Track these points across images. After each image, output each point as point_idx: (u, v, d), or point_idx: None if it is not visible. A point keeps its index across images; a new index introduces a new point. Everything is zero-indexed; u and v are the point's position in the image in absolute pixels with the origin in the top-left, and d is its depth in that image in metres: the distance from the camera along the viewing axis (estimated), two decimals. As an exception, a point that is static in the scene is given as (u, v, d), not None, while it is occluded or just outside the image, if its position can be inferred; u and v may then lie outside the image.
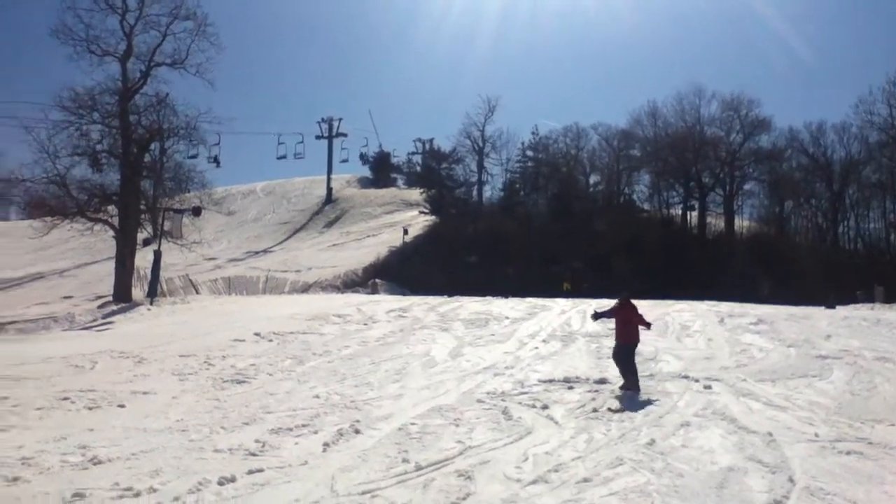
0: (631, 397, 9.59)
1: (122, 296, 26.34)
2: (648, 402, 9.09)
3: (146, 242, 36.92)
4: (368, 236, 58.00)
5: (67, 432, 7.27)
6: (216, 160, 70.57)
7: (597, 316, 11.77)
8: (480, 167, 67.52)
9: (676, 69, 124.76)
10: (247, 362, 12.67)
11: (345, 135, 76.92)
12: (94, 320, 21.09)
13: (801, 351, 14.03)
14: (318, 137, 76.35)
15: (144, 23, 28.95)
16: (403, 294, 36.39)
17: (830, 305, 30.10)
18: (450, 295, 29.40)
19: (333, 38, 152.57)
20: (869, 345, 14.73)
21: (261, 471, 5.81)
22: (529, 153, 69.26)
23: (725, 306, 24.71)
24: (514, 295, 31.25)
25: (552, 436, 7.26)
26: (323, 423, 7.83)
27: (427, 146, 77.44)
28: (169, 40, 29.14)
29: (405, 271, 46.50)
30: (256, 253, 54.51)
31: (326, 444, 6.83)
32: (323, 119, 77.12)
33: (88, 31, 27.88)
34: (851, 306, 30.90)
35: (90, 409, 8.68)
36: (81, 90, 27.63)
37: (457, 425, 7.72)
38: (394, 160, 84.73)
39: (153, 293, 26.68)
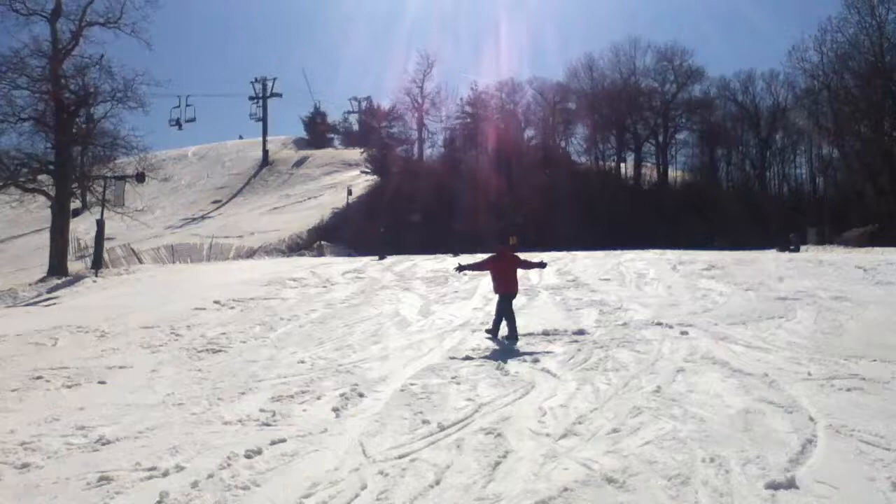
0: (509, 345, 10.10)
1: (59, 269, 25.20)
2: (529, 353, 9.32)
3: (75, 213, 35.31)
4: (309, 198, 57.01)
5: (56, 413, 6.91)
6: (178, 123, 69.01)
7: (461, 268, 12.03)
8: (421, 124, 66.86)
9: (613, 22, 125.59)
10: (215, 331, 12.31)
11: (279, 95, 74.92)
12: (39, 295, 20.06)
13: (760, 294, 14.43)
14: (251, 98, 74.22)
15: (73, -23, 26.91)
16: (350, 255, 36.02)
17: (794, 249, 30.89)
18: (381, 257, 27.89)
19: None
20: (821, 285, 15.16)
21: (283, 441, 5.61)
22: (468, 109, 68.69)
23: (672, 254, 25.17)
24: (463, 251, 31.25)
25: (557, 389, 7.26)
26: (321, 388, 7.66)
27: (364, 105, 76.21)
28: (101, -3, 27.36)
29: (349, 232, 46.07)
30: (194, 219, 53.01)
31: (336, 410, 6.67)
32: (256, 79, 74.88)
33: (11, -12, 25.90)
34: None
35: (69, 387, 8.25)
36: (7, 52, 25.80)
37: (458, 383, 7.67)
38: (329, 120, 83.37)
39: (98, 265, 25.60)
